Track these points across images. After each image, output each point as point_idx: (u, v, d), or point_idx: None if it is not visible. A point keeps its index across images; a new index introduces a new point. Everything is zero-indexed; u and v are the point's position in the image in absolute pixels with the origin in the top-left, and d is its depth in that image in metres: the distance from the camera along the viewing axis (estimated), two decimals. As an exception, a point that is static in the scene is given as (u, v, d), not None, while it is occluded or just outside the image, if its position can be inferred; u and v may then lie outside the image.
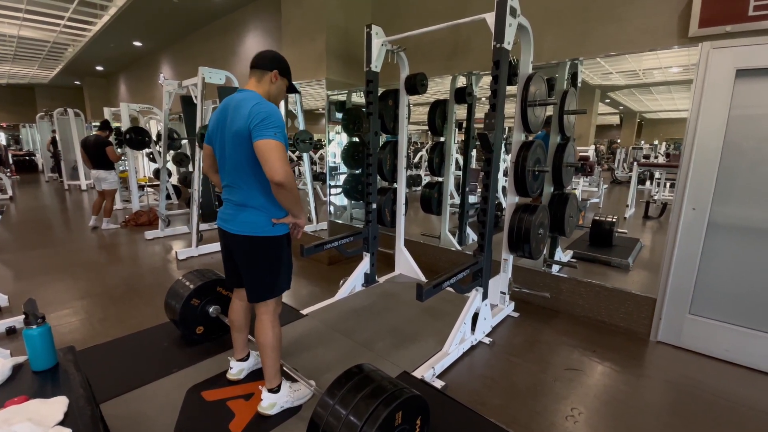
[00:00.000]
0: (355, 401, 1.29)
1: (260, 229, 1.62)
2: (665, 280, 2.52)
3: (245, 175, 1.58)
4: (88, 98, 12.88)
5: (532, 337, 2.59)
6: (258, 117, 1.44)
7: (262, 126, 1.43)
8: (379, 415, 1.23)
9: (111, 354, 2.27)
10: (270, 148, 1.42)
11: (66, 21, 6.70)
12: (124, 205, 7.33)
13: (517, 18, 2.20)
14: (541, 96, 2.54)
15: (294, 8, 4.10)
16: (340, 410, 1.29)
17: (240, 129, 1.49)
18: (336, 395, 1.34)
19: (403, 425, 1.34)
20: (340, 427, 1.26)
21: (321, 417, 1.32)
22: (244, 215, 1.63)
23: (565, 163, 2.94)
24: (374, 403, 1.27)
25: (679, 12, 2.39)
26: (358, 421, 1.24)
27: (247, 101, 1.51)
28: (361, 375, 1.41)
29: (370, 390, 1.32)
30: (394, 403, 1.28)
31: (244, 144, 1.50)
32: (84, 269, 3.88)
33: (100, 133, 5.52)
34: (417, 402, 1.39)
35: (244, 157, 1.54)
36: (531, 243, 2.47)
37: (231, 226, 1.66)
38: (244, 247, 1.66)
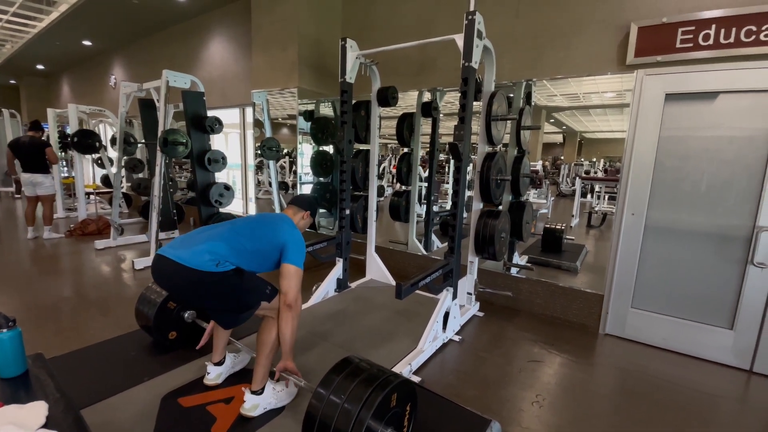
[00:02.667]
0: (351, 388, 1.36)
1: (206, 266, 1.59)
2: (610, 277, 2.82)
3: (239, 242, 1.69)
4: (24, 99, 11.84)
5: (497, 334, 2.77)
6: (295, 242, 1.75)
7: (296, 253, 1.72)
8: (375, 398, 1.31)
9: (75, 364, 2.14)
10: (296, 274, 1.69)
11: (9, 16, 6.21)
12: (67, 214, 6.81)
13: (483, 40, 2.42)
14: (503, 112, 2.79)
15: (265, 16, 4.14)
16: (335, 399, 1.35)
17: (275, 233, 1.76)
18: (330, 385, 1.40)
19: (397, 408, 1.42)
20: (337, 414, 1.32)
21: (317, 408, 1.37)
22: (200, 251, 1.61)
23: (522, 174, 3.21)
24: (370, 387, 1.35)
25: (618, 42, 2.75)
26: (355, 405, 1.31)
27: (289, 224, 1.85)
28: (352, 365, 1.48)
29: (364, 377, 1.40)
30: (388, 386, 1.36)
31: (272, 241, 1.73)
32: (28, 281, 3.59)
33: (35, 134, 5.07)
34: (408, 387, 1.49)
35: (259, 240, 1.73)
36: (495, 245, 2.67)
37: (181, 255, 1.61)
38: (192, 279, 1.60)
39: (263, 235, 1.75)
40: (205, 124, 3.88)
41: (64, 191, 7.05)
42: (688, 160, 2.54)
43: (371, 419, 1.30)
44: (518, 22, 3.22)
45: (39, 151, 4.98)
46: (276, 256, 1.73)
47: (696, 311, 2.58)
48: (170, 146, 4.01)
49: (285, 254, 1.71)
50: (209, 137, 4.00)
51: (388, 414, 1.40)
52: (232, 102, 5.72)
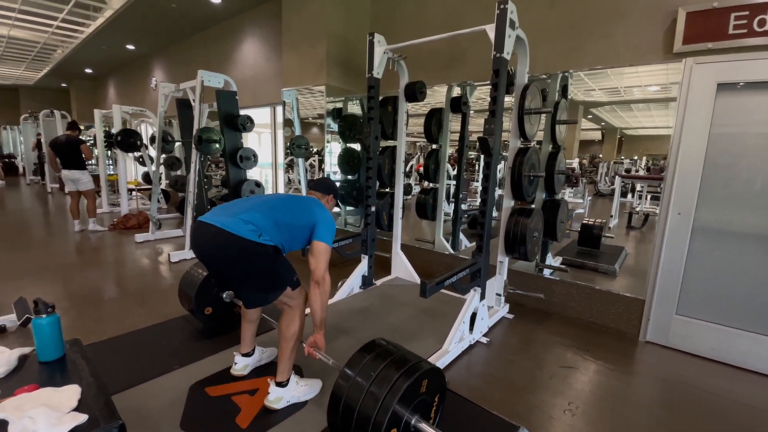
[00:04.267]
0: (378, 370, 1.32)
1: (241, 232, 1.60)
2: (653, 282, 2.64)
3: (275, 217, 1.71)
4: (74, 100, 12.67)
5: (527, 337, 2.66)
6: (326, 222, 1.79)
7: (326, 231, 1.77)
8: (403, 383, 1.26)
9: (111, 350, 2.25)
10: (325, 251, 1.74)
11: (59, 22, 6.64)
12: (111, 209, 7.20)
13: (516, 30, 2.32)
14: (536, 105, 2.66)
15: (294, 16, 4.19)
16: (362, 381, 1.32)
17: (309, 215, 1.79)
18: (357, 366, 1.37)
19: (425, 396, 1.37)
20: (363, 397, 1.28)
21: (342, 388, 1.34)
22: (242, 221, 1.63)
23: (556, 170, 3.06)
24: (399, 371, 1.30)
25: (665, 29, 2.56)
26: (382, 389, 1.27)
27: (320, 205, 1.89)
28: (380, 347, 1.44)
29: (393, 359, 1.35)
30: (417, 372, 1.31)
31: (306, 219, 1.77)
32: (73, 271, 3.81)
33: (71, 133, 5.35)
34: (438, 376, 1.43)
35: (297, 216, 1.77)
36: (527, 245, 2.56)
37: (223, 221, 1.63)
38: (231, 246, 1.61)
39: (298, 212, 1.79)
40: (237, 122, 3.97)
41: (108, 187, 7.46)
42: (743, 158, 2.33)
43: (398, 404, 1.26)
44: (554, 11, 3.07)
45: (75, 148, 5.25)
46: (307, 234, 1.77)
47: (749, 320, 2.36)
48: (204, 144, 4.14)
49: (316, 232, 1.75)
50: (241, 135, 4.09)
51: (416, 400, 1.35)
52: (264, 101, 5.84)
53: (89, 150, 5.44)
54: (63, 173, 5.35)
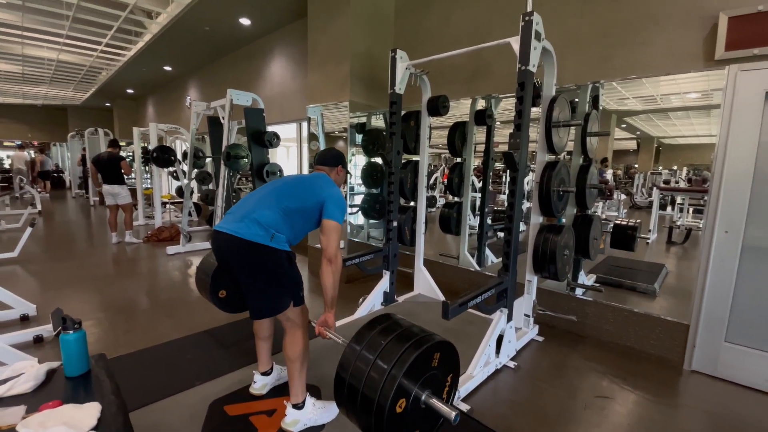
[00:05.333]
0: (385, 343, 1.27)
1: (253, 236, 1.62)
2: (698, 305, 2.44)
3: (281, 205, 1.70)
4: (117, 119, 13.48)
5: (558, 362, 2.51)
6: (335, 199, 1.77)
7: (336, 208, 1.75)
8: (409, 355, 1.21)
9: (136, 364, 2.29)
10: (335, 229, 1.74)
11: (103, 47, 7.11)
12: (146, 221, 7.52)
13: (542, 42, 2.25)
14: (565, 118, 2.56)
15: (320, 35, 4.28)
16: (367, 354, 1.27)
17: (315, 190, 1.77)
18: (363, 340, 1.32)
19: (437, 370, 1.30)
20: (368, 370, 1.23)
21: (348, 362, 1.29)
22: (252, 222, 1.64)
23: (588, 184, 2.92)
24: (405, 343, 1.25)
25: (704, 35, 2.41)
26: (387, 361, 1.21)
27: (329, 181, 1.88)
28: (390, 320, 1.38)
29: (400, 332, 1.30)
30: (428, 342, 1.25)
31: (313, 197, 1.76)
32: (108, 282, 3.96)
33: (112, 150, 5.66)
34: (452, 354, 1.36)
35: (299, 200, 1.74)
36: (557, 263, 2.43)
37: (234, 228, 1.65)
38: (242, 250, 1.63)
39: (305, 193, 1.77)
40: (264, 138, 4.06)
41: (144, 201, 7.81)
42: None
43: (405, 376, 1.19)
44: (583, 21, 2.98)
45: (115, 164, 5.54)
46: (317, 215, 1.76)
47: (813, 351, 2.12)
48: (233, 160, 4.26)
49: (325, 210, 1.74)
50: (267, 151, 4.18)
51: (426, 374, 1.27)
52: (290, 117, 5.98)
53: (128, 166, 5.73)
54: (103, 188, 5.65)
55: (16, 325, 2.88)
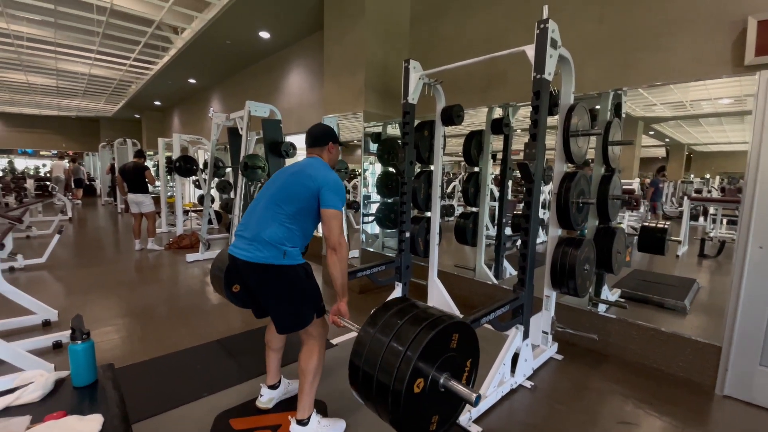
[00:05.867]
0: (400, 324, 1.23)
1: (267, 258, 1.62)
2: (731, 325, 2.27)
3: (281, 209, 1.67)
4: (145, 130, 14.03)
5: (578, 383, 2.38)
6: (330, 185, 1.67)
7: (332, 195, 1.66)
8: (424, 336, 1.16)
9: (146, 373, 2.31)
10: (335, 217, 1.66)
11: (132, 61, 7.43)
12: (169, 229, 7.72)
13: (558, 49, 2.18)
14: (584, 127, 2.47)
15: (335, 45, 4.32)
16: (382, 336, 1.23)
17: (308, 182, 1.68)
18: (378, 322, 1.28)
19: (455, 353, 1.25)
20: (383, 352, 1.19)
21: (362, 345, 1.26)
22: (263, 244, 1.64)
23: (611, 196, 2.80)
24: (420, 324, 1.21)
25: (733, 40, 2.29)
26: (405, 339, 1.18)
27: (321, 166, 1.76)
28: (405, 303, 1.35)
29: (416, 313, 1.26)
30: (445, 323, 1.20)
31: (304, 190, 1.67)
32: (128, 288, 4.06)
33: (138, 160, 5.85)
34: (471, 336, 1.31)
35: (297, 199, 1.67)
36: (576, 279, 2.32)
37: (247, 254, 1.65)
38: (258, 273, 1.64)
39: (299, 190, 1.69)
40: (281, 148, 4.11)
41: (167, 209, 8.03)
42: None
43: (421, 357, 1.15)
44: (602, 27, 2.89)
45: (140, 174, 5.73)
46: (316, 205, 1.70)
47: None
48: (250, 170, 4.31)
49: (321, 199, 1.67)
50: (284, 161, 4.23)
51: (445, 355, 1.23)
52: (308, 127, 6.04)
53: (152, 176, 5.92)
54: (129, 196, 5.84)
55: (38, 330, 2.97)
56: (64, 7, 5.05)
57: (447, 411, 1.28)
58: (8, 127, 16.11)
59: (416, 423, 1.19)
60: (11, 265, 4.61)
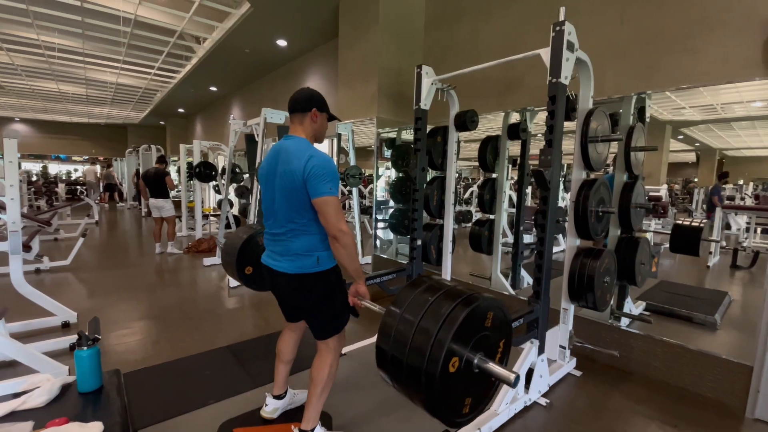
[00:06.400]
0: (430, 303, 1.17)
1: (301, 268, 1.60)
2: (763, 344, 2.10)
3: (295, 222, 1.59)
4: (169, 136, 14.48)
5: (597, 402, 2.25)
6: (314, 171, 1.48)
7: (319, 182, 1.48)
8: (458, 314, 1.10)
9: (156, 378, 2.31)
10: (326, 204, 1.49)
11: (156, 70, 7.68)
12: (189, 233, 7.88)
13: (575, 52, 2.09)
14: (604, 132, 2.36)
15: (349, 52, 4.33)
16: (410, 317, 1.17)
17: (294, 180, 1.51)
18: (405, 301, 1.22)
19: (490, 332, 1.19)
20: (413, 333, 1.13)
21: (389, 327, 1.20)
22: (294, 255, 1.60)
23: (633, 204, 2.66)
24: (453, 301, 1.14)
25: (764, 40, 2.14)
26: (437, 317, 1.11)
27: (299, 152, 1.53)
28: (433, 280, 1.29)
29: (446, 291, 1.20)
30: (479, 300, 1.14)
31: (297, 193, 1.53)
32: (146, 291, 4.13)
33: (159, 166, 6.00)
34: (505, 316, 1.26)
35: (299, 204, 1.55)
36: (595, 292, 2.21)
37: (278, 264, 1.63)
38: (289, 286, 1.64)
39: (300, 198, 1.53)
40: (294, 154, 4.12)
41: (188, 213, 8.22)
42: None
43: (455, 336, 1.08)
44: (624, 28, 2.77)
45: (161, 179, 5.86)
46: (306, 198, 1.54)
47: None
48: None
49: (310, 189, 1.50)
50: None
51: (479, 335, 1.17)
52: (324, 133, 6.09)
53: (172, 182, 6.07)
54: (150, 201, 6.00)
55: (58, 331, 3.05)
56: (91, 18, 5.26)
57: (480, 394, 1.23)
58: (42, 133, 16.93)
59: (449, 405, 1.14)
60: (38, 267, 4.78)
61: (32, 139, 16.69)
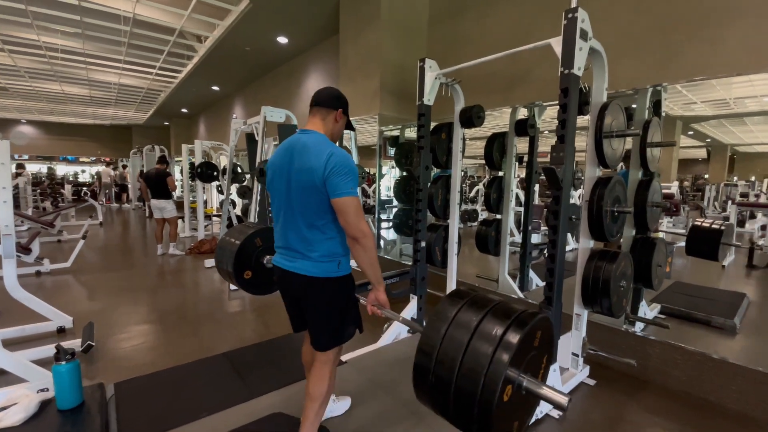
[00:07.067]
0: (480, 318, 1.09)
1: (324, 272, 1.51)
2: (797, 354, 1.96)
3: (314, 224, 1.49)
4: (173, 136, 14.47)
5: (613, 413, 2.12)
6: (336, 168, 1.40)
7: (340, 181, 1.40)
8: (513, 337, 1.02)
9: (146, 389, 2.21)
10: (347, 204, 1.41)
11: (157, 70, 7.62)
12: (192, 234, 7.82)
13: (589, 41, 1.96)
14: (619, 127, 2.22)
15: (351, 48, 4.21)
16: (458, 336, 1.09)
17: (312, 178, 1.42)
18: (448, 318, 1.13)
19: (537, 350, 1.11)
20: (462, 356, 1.05)
21: (431, 347, 1.11)
22: (315, 257, 1.51)
23: (650, 203, 2.52)
24: (508, 319, 1.06)
25: (796, 26, 1.99)
26: (490, 341, 1.04)
27: (318, 148, 1.45)
28: (473, 294, 1.21)
29: (495, 307, 1.12)
30: (534, 318, 1.06)
31: (315, 191, 1.44)
32: (145, 294, 4.06)
33: (160, 166, 5.91)
34: (550, 330, 1.18)
35: (317, 203, 1.46)
36: (611, 297, 2.07)
37: (294, 266, 1.53)
38: (306, 289, 1.53)
39: (318, 200, 1.45)
40: (295, 153, 4.02)
41: (191, 214, 8.16)
42: None
43: (512, 363, 1.01)
44: (639, 18, 2.63)
45: (162, 180, 5.77)
46: (326, 197, 1.45)
47: None
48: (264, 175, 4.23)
49: (330, 188, 1.41)
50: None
51: (528, 357, 1.09)
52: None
53: (173, 182, 5.99)
54: (152, 202, 5.93)
55: (53, 337, 2.97)
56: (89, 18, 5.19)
57: (524, 414, 1.17)
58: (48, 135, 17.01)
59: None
60: (38, 270, 4.73)
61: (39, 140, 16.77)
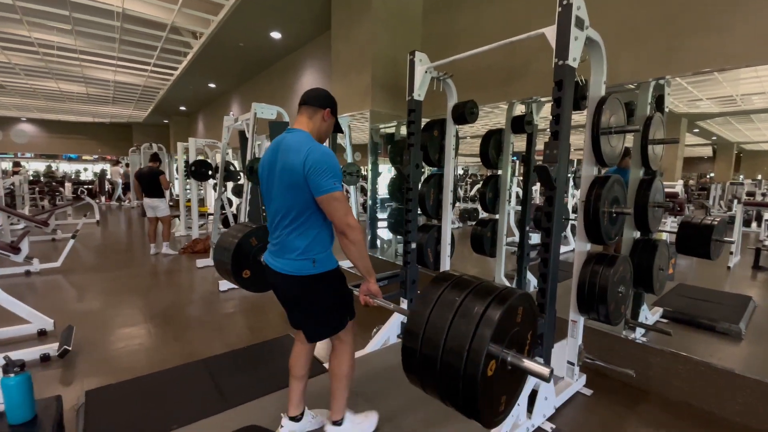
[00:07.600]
0: (461, 299, 1.14)
1: (299, 270, 1.53)
2: (808, 366, 1.83)
3: (294, 221, 1.52)
4: (172, 134, 14.42)
5: (611, 427, 2.00)
6: (314, 166, 1.42)
7: (321, 178, 1.42)
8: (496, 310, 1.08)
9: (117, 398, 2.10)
10: (332, 199, 1.44)
11: (152, 66, 7.52)
12: (187, 232, 7.74)
13: (585, 31, 1.83)
14: (618, 122, 2.09)
15: (342, 43, 4.10)
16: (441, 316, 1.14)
17: (294, 176, 1.46)
18: (433, 298, 1.19)
19: (520, 327, 1.17)
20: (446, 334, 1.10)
21: (417, 325, 1.17)
22: (292, 256, 1.54)
23: (651, 203, 2.39)
24: (488, 297, 1.12)
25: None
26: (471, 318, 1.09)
27: (299, 146, 1.47)
28: (456, 277, 1.25)
29: (476, 287, 1.17)
30: (512, 296, 1.11)
31: (297, 190, 1.47)
32: (133, 296, 3.96)
33: (153, 164, 5.80)
34: (532, 307, 1.24)
35: (297, 202, 1.49)
36: (608, 304, 1.95)
37: (278, 264, 1.57)
38: (288, 286, 1.58)
39: (298, 196, 1.47)
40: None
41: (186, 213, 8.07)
42: None
43: (493, 339, 1.06)
44: (640, 7, 2.50)
45: (155, 179, 5.67)
46: (309, 194, 1.48)
47: None
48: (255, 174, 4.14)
49: (312, 186, 1.43)
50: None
51: (511, 333, 1.15)
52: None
53: (166, 181, 5.90)
54: (144, 201, 5.83)
55: (33, 340, 2.88)
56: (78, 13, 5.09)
57: (512, 389, 1.24)
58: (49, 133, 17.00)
59: (489, 408, 1.14)
60: (27, 269, 4.65)
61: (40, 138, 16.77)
